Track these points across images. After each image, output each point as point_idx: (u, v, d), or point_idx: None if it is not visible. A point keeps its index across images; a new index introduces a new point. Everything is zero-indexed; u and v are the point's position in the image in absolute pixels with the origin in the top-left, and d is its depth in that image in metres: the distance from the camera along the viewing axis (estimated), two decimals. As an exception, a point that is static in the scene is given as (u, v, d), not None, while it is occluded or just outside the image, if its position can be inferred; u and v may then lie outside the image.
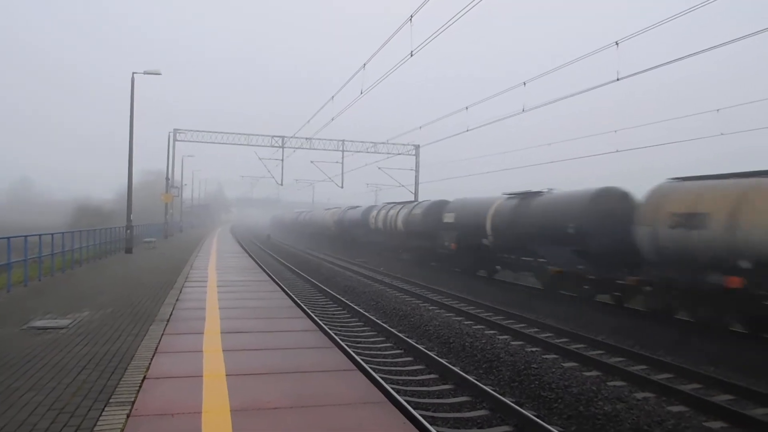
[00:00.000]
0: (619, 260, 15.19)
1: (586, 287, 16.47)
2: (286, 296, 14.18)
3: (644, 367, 10.54)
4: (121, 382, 6.22)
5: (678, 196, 13.62)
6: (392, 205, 35.99)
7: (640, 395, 8.70)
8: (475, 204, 24.43)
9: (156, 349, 7.76)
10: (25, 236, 14.89)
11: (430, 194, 39.55)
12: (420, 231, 28.84)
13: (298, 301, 15.09)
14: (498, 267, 23.47)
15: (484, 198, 24.27)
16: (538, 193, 19.90)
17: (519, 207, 20.19)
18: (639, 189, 15.45)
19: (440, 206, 28.04)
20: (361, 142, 49.22)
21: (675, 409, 8.12)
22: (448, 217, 26.15)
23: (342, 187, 50.48)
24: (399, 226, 32.29)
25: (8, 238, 13.90)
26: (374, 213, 37.89)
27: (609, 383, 9.31)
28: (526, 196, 20.31)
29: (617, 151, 27.15)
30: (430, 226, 27.59)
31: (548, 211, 18.32)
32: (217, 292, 13.70)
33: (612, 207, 15.87)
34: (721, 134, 21.80)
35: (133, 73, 27.19)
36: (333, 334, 11.75)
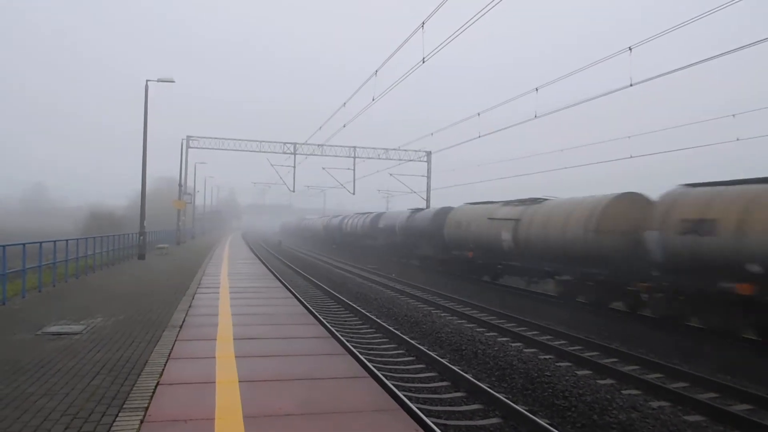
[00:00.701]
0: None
1: (428, 260, 29.91)
2: (298, 303, 14.19)
3: (659, 375, 10.43)
4: (134, 388, 6.24)
5: (457, 213, 26.61)
6: (356, 215, 49.36)
7: (655, 404, 8.60)
8: (393, 215, 38.22)
9: (169, 355, 7.78)
10: (40, 242, 15.02)
11: (442, 200, 40.15)
12: (367, 233, 41.97)
13: (310, 308, 15.10)
14: (402, 256, 34.96)
15: (399, 211, 38.91)
16: (420, 209, 34.60)
17: (410, 218, 33.48)
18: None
19: (378, 216, 41.17)
20: (373, 148, 49.29)
21: (691, 418, 8.02)
22: (381, 224, 38.78)
23: (354, 193, 50.55)
24: (358, 230, 45.24)
25: (23, 244, 14.02)
26: (346, 221, 50.76)
27: (623, 392, 9.21)
28: (414, 211, 34.34)
29: (631, 156, 26.96)
30: (373, 230, 40.24)
31: (419, 220, 31.93)
32: (230, 299, 13.73)
33: (441, 219, 27.95)
34: (738, 139, 21.59)
35: (147, 80, 27.41)
36: (345, 341, 11.73)
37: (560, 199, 19.56)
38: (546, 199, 20.43)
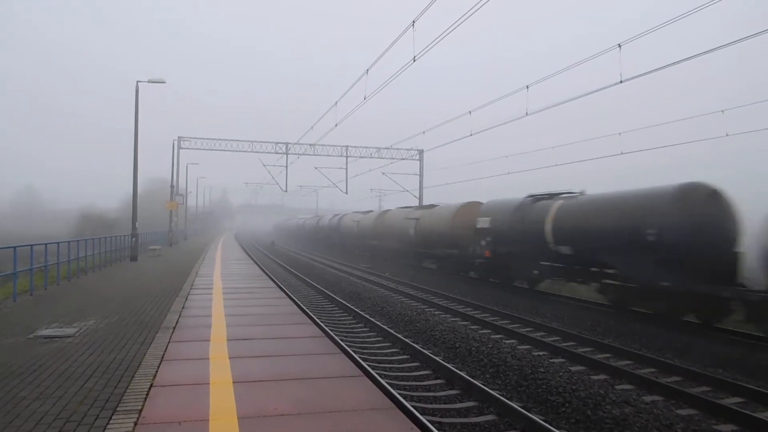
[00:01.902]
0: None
1: (334, 245, 50.28)
2: (291, 302, 14.17)
3: (652, 369, 10.48)
4: (128, 390, 6.22)
5: (346, 219, 48.21)
6: (312, 217, 73.71)
7: (648, 398, 8.64)
8: (326, 217, 59.39)
9: (162, 356, 7.76)
10: (31, 245, 14.93)
11: (435, 198, 40.15)
12: (315, 230, 62.81)
13: (304, 308, 15.08)
14: (327, 246, 52.63)
15: (322, 216, 64.54)
16: (337, 214, 53.25)
17: (330, 219, 53.96)
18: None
19: (319, 218, 65.54)
20: (365, 147, 49.27)
21: (684, 412, 8.07)
22: (320, 224, 60.05)
23: (346, 192, 50.52)
24: (309, 228, 68.38)
25: (14, 247, 13.94)
26: (306, 221, 73.90)
27: (617, 387, 9.26)
28: (335, 215, 53.48)
29: (621, 153, 27.10)
30: (317, 228, 61.09)
31: (333, 221, 52.91)
32: (223, 299, 13.70)
33: (339, 221, 50.14)
34: (727, 135, 21.73)
35: (138, 81, 27.29)
36: (339, 340, 11.73)
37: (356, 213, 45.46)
38: (345, 214, 44.91)
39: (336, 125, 32.24)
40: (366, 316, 15.46)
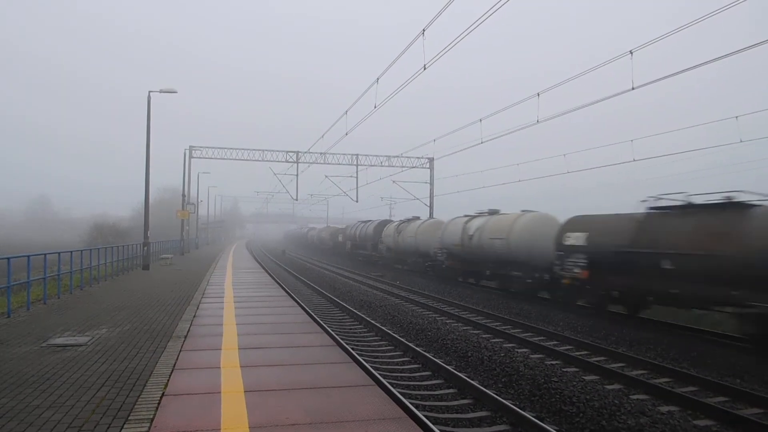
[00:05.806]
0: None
1: (315, 248, 76.70)
2: (302, 311, 14.14)
3: (667, 379, 10.34)
4: (139, 399, 6.21)
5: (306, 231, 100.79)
6: (307, 227, 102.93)
7: (664, 409, 8.52)
8: (301, 227, 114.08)
9: (174, 365, 7.76)
10: (45, 254, 15.03)
11: (446, 206, 39.96)
12: (305, 236, 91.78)
13: (315, 316, 15.04)
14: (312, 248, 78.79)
15: (307, 226, 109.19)
16: (306, 227, 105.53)
17: (300, 229, 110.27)
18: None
19: (304, 228, 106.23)
20: (375, 155, 49.29)
21: (701, 422, 7.94)
22: (303, 231, 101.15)
23: (357, 201, 50.53)
24: (301, 234, 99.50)
25: (28, 255, 14.03)
26: (303, 230, 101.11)
27: (632, 396, 9.14)
28: (305, 228, 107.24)
29: (634, 160, 26.89)
30: (303, 235, 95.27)
31: (311, 230, 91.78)
32: (234, 308, 13.71)
33: (305, 231, 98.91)
34: (741, 141, 21.51)
35: (150, 91, 27.48)
36: (350, 349, 11.68)
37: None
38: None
39: (347, 134, 32.26)
40: (377, 324, 15.40)
